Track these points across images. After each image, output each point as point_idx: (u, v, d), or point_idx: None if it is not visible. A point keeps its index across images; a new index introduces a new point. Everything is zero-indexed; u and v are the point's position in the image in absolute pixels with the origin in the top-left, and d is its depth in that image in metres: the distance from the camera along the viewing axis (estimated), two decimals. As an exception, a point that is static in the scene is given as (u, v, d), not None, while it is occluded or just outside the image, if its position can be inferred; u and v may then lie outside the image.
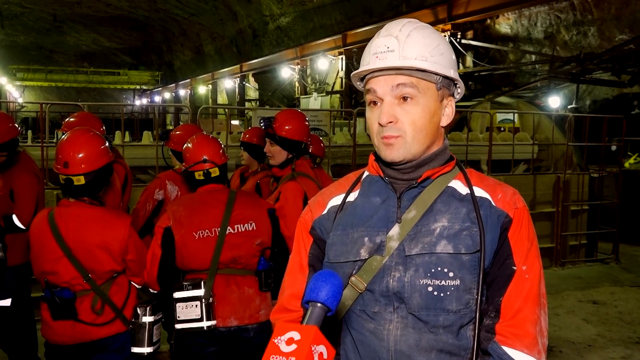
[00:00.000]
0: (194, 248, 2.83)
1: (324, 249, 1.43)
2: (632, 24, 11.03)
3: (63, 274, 2.68)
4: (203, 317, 2.75)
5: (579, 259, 8.55)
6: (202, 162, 2.96)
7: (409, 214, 1.33)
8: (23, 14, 29.73)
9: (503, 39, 13.92)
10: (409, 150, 1.32)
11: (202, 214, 2.88)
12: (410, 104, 1.31)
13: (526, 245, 1.32)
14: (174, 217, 2.85)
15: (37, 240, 2.75)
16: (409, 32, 1.31)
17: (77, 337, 2.74)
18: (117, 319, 2.77)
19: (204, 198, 2.95)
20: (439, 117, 1.36)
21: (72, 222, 2.70)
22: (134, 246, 2.80)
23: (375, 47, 1.33)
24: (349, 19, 18.80)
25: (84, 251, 2.68)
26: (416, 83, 1.30)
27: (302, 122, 3.58)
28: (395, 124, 1.31)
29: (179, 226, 2.83)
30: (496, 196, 1.35)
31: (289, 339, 0.98)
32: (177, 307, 2.81)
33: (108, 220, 2.76)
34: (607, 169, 9.07)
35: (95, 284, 2.71)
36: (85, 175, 2.67)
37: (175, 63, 36.47)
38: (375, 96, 1.33)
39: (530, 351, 1.26)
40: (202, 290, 2.77)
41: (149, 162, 6.87)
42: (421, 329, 1.28)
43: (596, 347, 5.19)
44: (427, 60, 1.30)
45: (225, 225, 2.85)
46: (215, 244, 2.83)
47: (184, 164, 3.04)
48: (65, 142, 2.71)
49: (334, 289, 1.08)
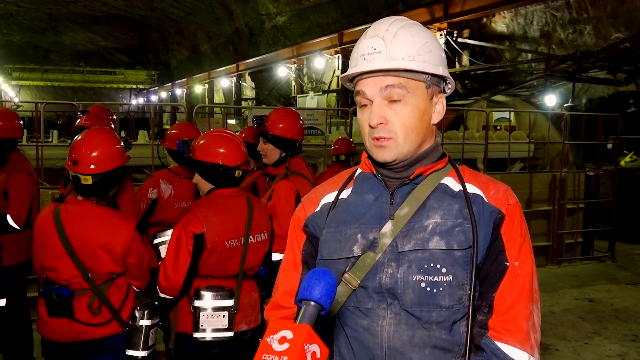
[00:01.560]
0: (224, 257, 2.74)
1: (317, 246, 1.43)
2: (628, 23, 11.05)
3: (63, 272, 2.67)
4: (230, 326, 2.72)
5: (575, 257, 8.56)
6: (244, 164, 2.84)
7: (402, 210, 1.33)
8: (19, 13, 29.62)
9: (499, 38, 13.93)
10: (400, 151, 1.32)
11: (230, 221, 2.77)
12: (400, 104, 1.30)
13: (518, 241, 1.32)
14: (207, 224, 2.68)
15: (40, 234, 2.73)
16: (396, 32, 1.30)
17: (72, 335, 2.72)
18: (114, 320, 2.75)
19: (229, 204, 2.80)
20: (429, 115, 1.35)
21: (77, 220, 2.68)
22: (136, 250, 2.76)
23: (362, 48, 1.32)
24: (346, 17, 18.80)
25: (86, 250, 2.66)
26: (405, 83, 1.29)
27: (295, 120, 3.56)
28: (386, 125, 1.30)
29: (212, 233, 2.68)
30: (489, 192, 1.35)
31: (281, 338, 0.97)
32: (201, 316, 2.68)
33: (113, 222, 2.72)
34: (603, 167, 9.09)
35: (94, 284, 2.69)
36: (93, 176, 2.63)
37: (172, 62, 36.40)
38: (364, 98, 1.33)
39: (523, 346, 1.26)
40: (232, 300, 2.74)
41: (144, 162, 6.84)
42: (414, 325, 1.28)
43: (592, 345, 5.20)
44: (414, 59, 1.29)
45: (248, 234, 2.81)
46: (241, 252, 2.80)
47: (224, 159, 2.78)
48: (80, 140, 2.68)
49: (328, 287, 1.07)
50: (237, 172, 2.80)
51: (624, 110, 11.07)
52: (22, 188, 3.80)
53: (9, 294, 3.89)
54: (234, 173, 2.79)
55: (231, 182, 2.81)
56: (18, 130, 3.92)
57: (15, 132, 3.89)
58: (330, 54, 18.51)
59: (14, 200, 3.75)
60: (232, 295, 2.75)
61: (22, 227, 3.78)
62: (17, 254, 3.81)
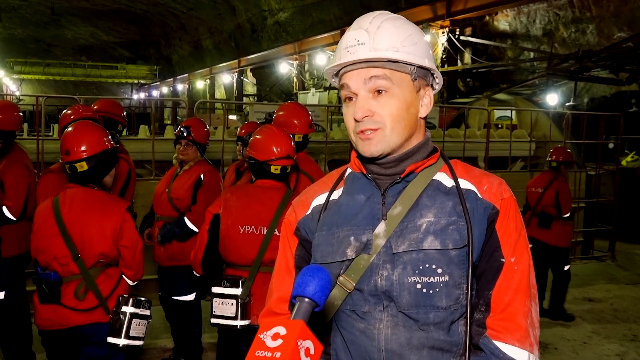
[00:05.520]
0: (237, 242, 2.84)
1: (309, 250, 1.40)
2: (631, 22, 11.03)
3: (54, 250, 2.70)
4: (238, 316, 2.75)
5: (575, 256, 8.54)
6: (286, 158, 2.93)
7: (395, 210, 1.30)
8: (21, 7, 29.60)
9: (501, 36, 13.91)
10: (387, 143, 1.29)
11: (251, 209, 2.85)
12: (385, 96, 1.27)
13: (514, 236, 1.29)
14: (225, 205, 2.87)
15: (38, 218, 2.82)
16: (380, 24, 1.28)
17: (57, 321, 2.72)
18: (100, 308, 2.73)
19: (258, 193, 2.92)
20: (416, 109, 1.32)
21: (73, 201, 2.77)
22: (128, 232, 2.79)
23: (346, 41, 1.30)
24: (348, 14, 18.76)
25: (78, 229, 2.70)
26: (390, 75, 1.27)
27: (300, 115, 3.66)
28: (372, 117, 1.27)
29: (227, 215, 2.85)
30: (482, 187, 1.32)
31: (274, 334, 0.96)
32: (214, 302, 2.82)
33: (106, 202, 2.81)
34: (604, 166, 9.07)
35: (83, 266, 2.69)
36: (87, 161, 2.75)
37: (174, 57, 36.37)
38: (349, 91, 1.30)
39: (522, 344, 1.24)
40: (240, 289, 2.77)
41: (145, 157, 6.84)
42: (412, 327, 1.26)
43: (591, 344, 5.20)
44: (398, 50, 1.26)
45: (274, 226, 2.83)
46: (259, 242, 2.82)
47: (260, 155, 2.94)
48: (67, 133, 2.83)
49: (322, 284, 1.06)
50: (272, 167, 2.91)
51: (625, 110, 11.04)
52: (17, 179, 3.79)
53: (8, 287, 3.89)
54: (267, 167, 2.92)
55: (265, 175, 2.94)
56: (17, 123, 3.92)
57: (14, 125, 3.89)
58: (332, 51, 18.48)
59: (10, 190, 3.75)
60: (238, 283, 2.77)
61: (18, 219, 3.77)
62: (14, 245, 3.80)
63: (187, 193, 3.99)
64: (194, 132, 4.05)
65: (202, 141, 4.13)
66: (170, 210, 4.05)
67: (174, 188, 4.06)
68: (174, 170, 4.21)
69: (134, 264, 2.85)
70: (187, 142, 4.06)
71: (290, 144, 2.98)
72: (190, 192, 3.99)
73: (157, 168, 6.50)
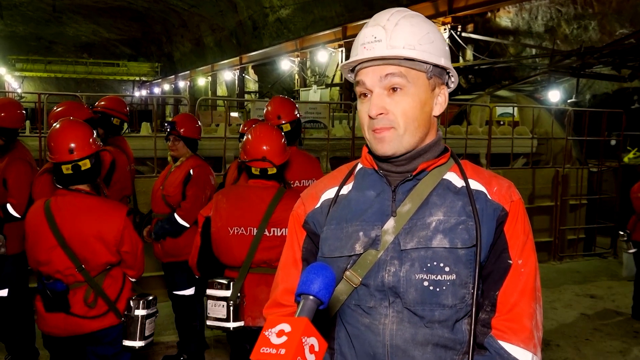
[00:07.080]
0: (227, 243, 2.84)
1: (317, 243, 1.41)
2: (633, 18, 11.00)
3: (56, 264, 2.67)
4: (229, 318, 2.78)
5: (577, 253, 8.56)
6: (261, 160, 2.91)
7: (404, 207, 1.31)
8: (22, 4, 29.58)
9: (503, 33, 13.88)
10: (401, 143, 1.29)
11: (240, 210, 2.85)
12: (400, 94, 1.27)
13: (522, 239, 1.30)
14: (215, 207, 2.89)
15: (32, 229, 2.74)
16: (397, 21, 1.29)
17: (70, 329, 2.73)
18: (110, 312, 2.76)
19: (248, 194, 2.91)
20: (430, 107, 1.33)
21: (68, 211, 2.69)
22: (129, 238, 2.78)
23: (363, 37, 1.31)
24: (349, 11, 18.73)
25: (79, 241, 2.66)
26: (405, 72, 1.27)
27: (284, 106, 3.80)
28: (386, 115, 1.28)
29: (217, 217, 2.87)
30: (492, 189, 1.33)
31: (279, 331, 0.97)
32: (208, 304, 2.84)
33: (104, 210, 2.75)
34: (606, 163, 9.06)
35: (88, 275, 2.69)
36: (90, 159, 2.73)
37: (175, 54, 36.34)
38: (364, 88, 1.31)
39: (527, 345, 1.25)
40: (229, 292, 2.77)
41: (147, 154, 6.85)
42: (417, 324, 1.27)
43: (593, 341, 5.20)
44: (415, 48, 1.26)
45: (263, 227, 2.82)
46: (249, 243, 2.81)
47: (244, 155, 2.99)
48: (64, 133, 2.73)
49: (326, 282, 1.07)
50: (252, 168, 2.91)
51: (628, 107, 11.02)
52: (20, 176, 3.80)
53: (11, 284, 3.90)
54: (249, 167, 2.94)
55: (252, 175, 2.95)
56: (20, 120, 3.93)
57: (17, 123, 3.89)
58: (334, 48, 18.47)
59: (13, 188, 3.76)
60: (228, 286, 2.78)
61: (22, 216, 3.78)
62: (19, 243, 3.81)
63: (178, 189, 4.03)
64: (181, 127, 4.07)
65: (190, 136, 4.13)
66: (164, 207, 4.09)
67: (166, 185, 4.10)
68: (169, 167, 4.24)
69: (136, 265, 2.87)
70: (175, 137, 4.09)
71: (273, 145, 2.91)
72: (180, 188, 4.02)
73: (158, 165, 6.50)
